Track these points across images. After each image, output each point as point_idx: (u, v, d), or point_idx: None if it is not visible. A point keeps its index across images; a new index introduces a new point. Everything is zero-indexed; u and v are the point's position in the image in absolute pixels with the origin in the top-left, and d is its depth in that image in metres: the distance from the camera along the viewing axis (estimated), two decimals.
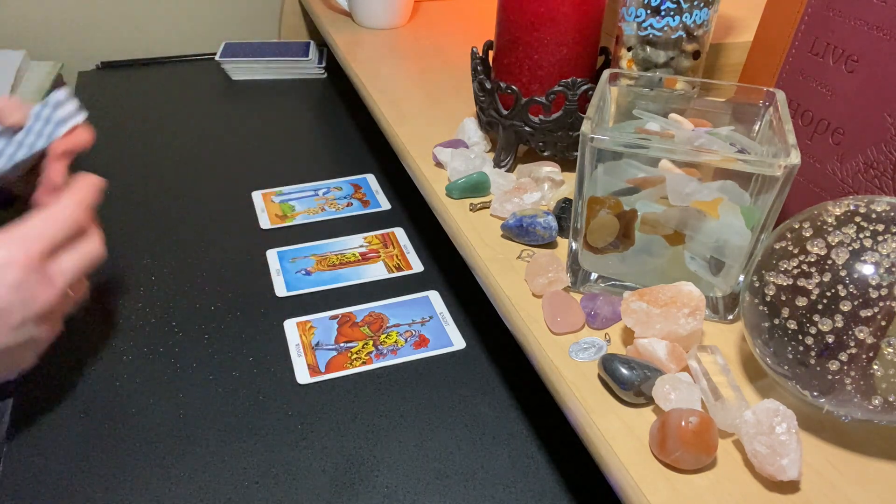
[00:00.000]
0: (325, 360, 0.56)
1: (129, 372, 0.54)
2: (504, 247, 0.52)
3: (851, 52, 0.43)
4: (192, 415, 0.51)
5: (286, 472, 0.47)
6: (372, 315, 0.61)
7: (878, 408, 0.34)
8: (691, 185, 0.40)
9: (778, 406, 0.35)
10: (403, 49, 0.86)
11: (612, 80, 0.47)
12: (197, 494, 0.46)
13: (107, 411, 0.51)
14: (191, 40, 1.13)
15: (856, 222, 0.34)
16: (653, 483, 0.35)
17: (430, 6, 0.99)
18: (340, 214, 0.74)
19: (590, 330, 0.45)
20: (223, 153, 0.84)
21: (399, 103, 0.72)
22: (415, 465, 0.48)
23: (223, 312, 0.60)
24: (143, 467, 0.47)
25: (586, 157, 0.41)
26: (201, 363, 0.55)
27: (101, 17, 1.07)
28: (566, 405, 0.40)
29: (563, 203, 0.53)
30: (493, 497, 0.46)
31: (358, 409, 0.52)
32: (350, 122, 0.93)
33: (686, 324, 0.40)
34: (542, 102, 0.55)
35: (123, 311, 0.60)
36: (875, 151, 0.42)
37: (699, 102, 0.46)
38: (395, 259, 0.68)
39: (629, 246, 0.44)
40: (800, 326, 0.34)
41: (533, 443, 0.50)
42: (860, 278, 0.33)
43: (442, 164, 0.60)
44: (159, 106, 0.94)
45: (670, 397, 0.37)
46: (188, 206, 0.74)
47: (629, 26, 0.54)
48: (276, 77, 1.03)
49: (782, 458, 0.33)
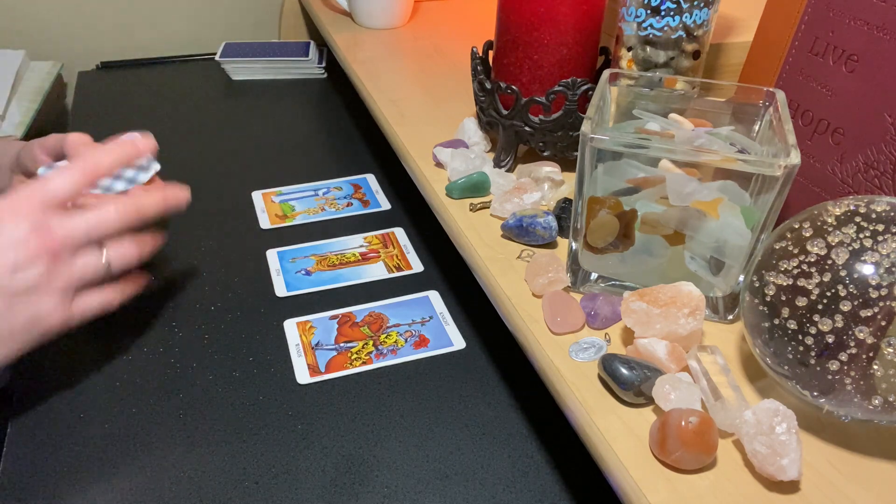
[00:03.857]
0: (325, 360, 0.56)
1: (130, 372, 0.54)
2: (504, 247, 0.52)
3: (851, 52, 0.43)
4: (191, 415, 0.51)
5: (286, 472, 0.47)
6: (372, 315, 0.61)
7: (878, 408, 0.34)
8: (691, 185, 0.40)
9: (778, 406, 0.35)
10: (403, 49, 0.86)
11: (612, 80, 0.47)
12: (197, 494, 0.46)
13: (107, 411, 0.51)
14: (191, 40, 1.13)
15: (856, 222, 0.34)
16: (653, 483, 0.35)
17: (430, 6, 0.99)
18: (340, 214, 0.74)
19: (590, 330, 0.45)
20: (223, 153, 0.84)
21: (399, 103, 0.72)
22: (415, 465, 0.48)
23: (223, 312, 0.60)
24: (142, 467, 0.47)
25: (586, 157, 0.41)
26: (201, 363, 0.55)
27: (101, 17, 1.07)
28: (566, 405, 0.40)
29: (563, 203, 0.53)
30: (493, 497, 0.46)
31: (358, 409, 0.52)
32: (350, 122, 0.93)
33: (686, 324, 0.40)
34: (542, 102, 0.55)
35: (124, 311, 0.60)
36: (875, 151, 0.42)
37: (699, 102, 0.46)
38: (395, 259, 0.68)
39: (629, 246, 0.44)
40: (800, 326, 0.34)
41: (533, 443, 0.50)
42: (860, 278, 0.33)
43: (442, 164, 0.60)
44: (159, 106, 0.95)
45: (670, 397, 0.37)
46: (188, 206, 0.74)
47: (629, 26, 0.54)
48: (276, 77, 1.03)
49: (782, 458, 0.33)
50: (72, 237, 0.45)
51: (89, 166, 0.47)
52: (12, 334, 0.44)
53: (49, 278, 0.44)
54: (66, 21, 1.05)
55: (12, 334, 0.44)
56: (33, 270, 0.44)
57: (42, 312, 0.45)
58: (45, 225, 0.44)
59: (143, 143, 0.51)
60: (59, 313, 0.46)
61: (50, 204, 0.45)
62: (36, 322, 0.45)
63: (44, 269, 0.44)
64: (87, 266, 0.47)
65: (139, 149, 0.51)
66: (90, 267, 0.47)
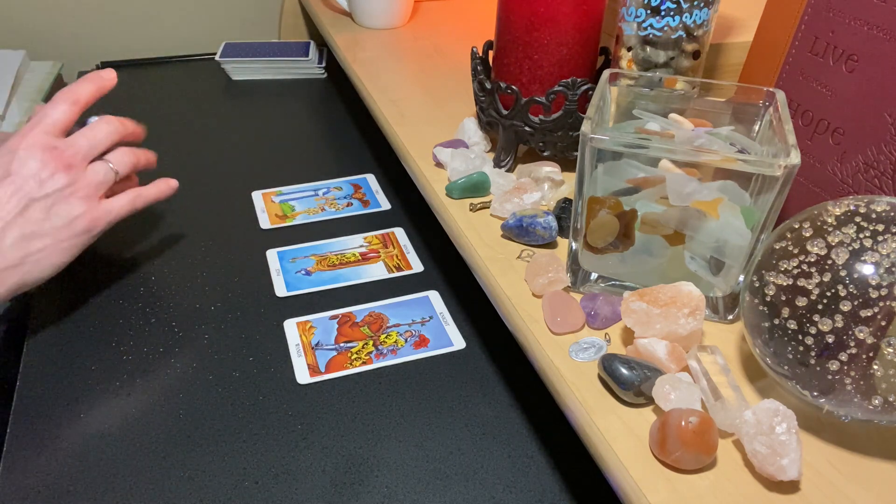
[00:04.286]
0: (325, 360, 0.56)
1: (130, 372, 0.54)
2: (504, 247, 0.52)
3: (851, 52, 0.43)
4: (192, 415, 0.51)
5: (286, 472, 0.47)
6: (372, 315, 0.61)
7: (878, 408, 0.34)
8: (691, 185, 0.40)
9: (778, 406, 0.35)
10: (403, 49, 0.86)
11: (612, 80, 0.47)
12: (197, 494, 0.46)
13: (106, 411, 0.51)
14: (191, 40, 1.13)
15: (856, 222, 0.34)
16: (653, 483, 0.35)
17: (430, 6, 0.99)
18: (340, 214, 0.74)
19: (590, 330, 0.45)
20: (223, 153, 0.84)
21: (399, 103, 0.72)
22: (415, 465, 0.48)
23: (223, 312, 0.60)
24: (142, 467, 0.47)
25: (586, 157, 0.41)
26: (201, 363, 0.55)
27: (101, 17, 1.07)
28: (566, 405, 0.40)
29: (563, 203, 0.53)
30: (493, 497, 0.46)
31: (358, 409, 0.52)
32: (350, 122, 0.93)
33: (686, 324, 0.40)
34: (542, 102, 0.55)
35: (123, 311, 0.60)
36: (875, 151, 0.42)
37: (699, 102, 0.46)
38: (395, 259, 0.68)
39: (629, 246, 0.44)
40: (800, 326, 0.34)
41: (533, 443, 0.50)
42: (860, 278, 0.33)
43: (442, 164, 0.60)
44: (159, 106, 0.94)
45: (670, 397, 0.37)
46: (188, 206, 0.74)
47: (629, 26, 0.54)
48: (276, 77, 1.03)
49: (782, 458, 0.33)
50: (78, 150, 0.55)
51: (71, 95, 0.56)
52: (57, 236, 0.53)
53: (71, 186, 0.54)
54: (66, 21, 1.05)
55: (57, 236, 0.53)
56: (56, 180, 0.53)
57: (75, 213, 0.54)
58: (52, 145, 0.54)
59: (107, 73, 0.59)
60: (90, 213, 0.55)
61: (51, 131, 0.54)
62: (73, 223, 0.54)
63: (64, 179, 0.53)
64: (99, 172, 0.56)
65: (104, 79, 0.59)
66: (101, 172, 0.56)
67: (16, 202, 0.51)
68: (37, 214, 0.52)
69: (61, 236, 0.53)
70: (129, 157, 0.59)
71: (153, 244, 0.68)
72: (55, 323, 0.58)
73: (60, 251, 0.54)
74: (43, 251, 0.52)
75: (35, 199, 0.52)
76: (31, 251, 0.52)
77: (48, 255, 0.53)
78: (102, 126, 0.57)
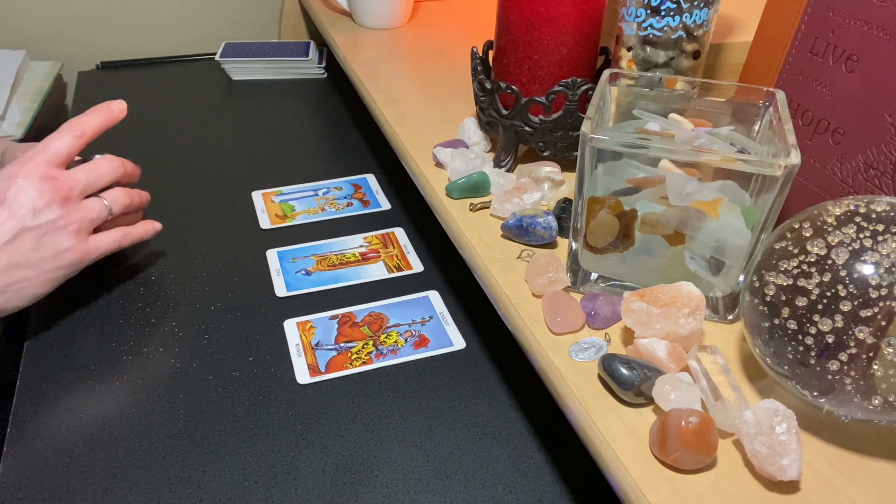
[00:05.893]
0: (325, 360, 0.56)
1: (130, 372, 0.54)
2: (504, 247, 0.52)
3: (851, 52, 0.43)
4: (191, 415, 0.51)
5: (286, 472, 0.47)
6: (372, 315, 0.61)
7: (878, 408, 0.34)
8: (691, 185, 0.40)
9: (778, 406, 0.35)
10: (403, 49, 0.86)
11: (612, 80, 0.47)
12: (197, 494, 0.46)
13: (107, 411, 0.51)
14: (191, 40, 1.13)
15: (856, 222, 0.34)
16: (653, 483, 0.35)
17: (430, 6, 0.99)
18: (340, 214, 0.74)
19: (590, 330, 0.45)
20: (223, 153, 0.84)
21: (399, 103, 0.72)
22: (415, 465, 0.48)
23: (223, 312, 0.60)
24: (142, 467, 0.47)
25: (586, 157, 0.41)
26: (201, 363, 0.55)
27: (101, 17, 1.07)
28: (566, 405, 0.40)
29: (563, 203, 0.53)
30: (493, 497, 0.46)
31: (358, 409, 0.52)
32: (350, 122, 0.93)
33: (686, 324, 0.40)
34: (542, 102, 0.55)
35: (123, 311, 0.60)
36: (875, 151, 0.42)
37: (699, 102, 0.46)
38: (395, 259, 0.68)
39: (629, 246, 0.44)
40: (800, 326, 0.34)
41: (533, 443, 0.50)
42: (860, 278, 0.33)
43: (442, 164, 0.60)
44: (159, 106, 0.95)
45: (670, 397, 0.37)
46: (188, 206, 0.74)
47: (629, 26, 0.54)
48: (276, 77, 1.03)
49: (782, 458, 0.33)
50: (76, 184, 0.54)
51: (77, 128, 0.56)
52: (42, 267, 0.53)
53: (64, 218, 0.53)
54: (66, 21, 1.05)
55: (42, 267, 0.53)
56: (51, 211, 0.53)
57: (63, 247, 0.54)
58: (52, 176, 0.53)
59: (117, 105, 0.59)
60: (78, 248, 0.55)
61: (53, 161, 0.54)
62: (60, 256, 0.53)
63: (58, 211, 0.53)
64: (94, 208, 0.56)
65: (113, 111, 0.58)
66: (95, 209, 0.56)
67: (7, 229, 0.50)
68: (26, 244, 0.51)
69: (46, 268, 0.53)
70: (125, 198, 0.59)
71: (153, 244, 0.68)
72: (55, 323, 0.58)
73: (42, 283, 0.53)
74: (25, 281, 0.52)
75: (27, 229, 0.51)
76: (14, 280, 0.51)
77: (30, 285, 0.52)
78: (104, 164, 0.57)
